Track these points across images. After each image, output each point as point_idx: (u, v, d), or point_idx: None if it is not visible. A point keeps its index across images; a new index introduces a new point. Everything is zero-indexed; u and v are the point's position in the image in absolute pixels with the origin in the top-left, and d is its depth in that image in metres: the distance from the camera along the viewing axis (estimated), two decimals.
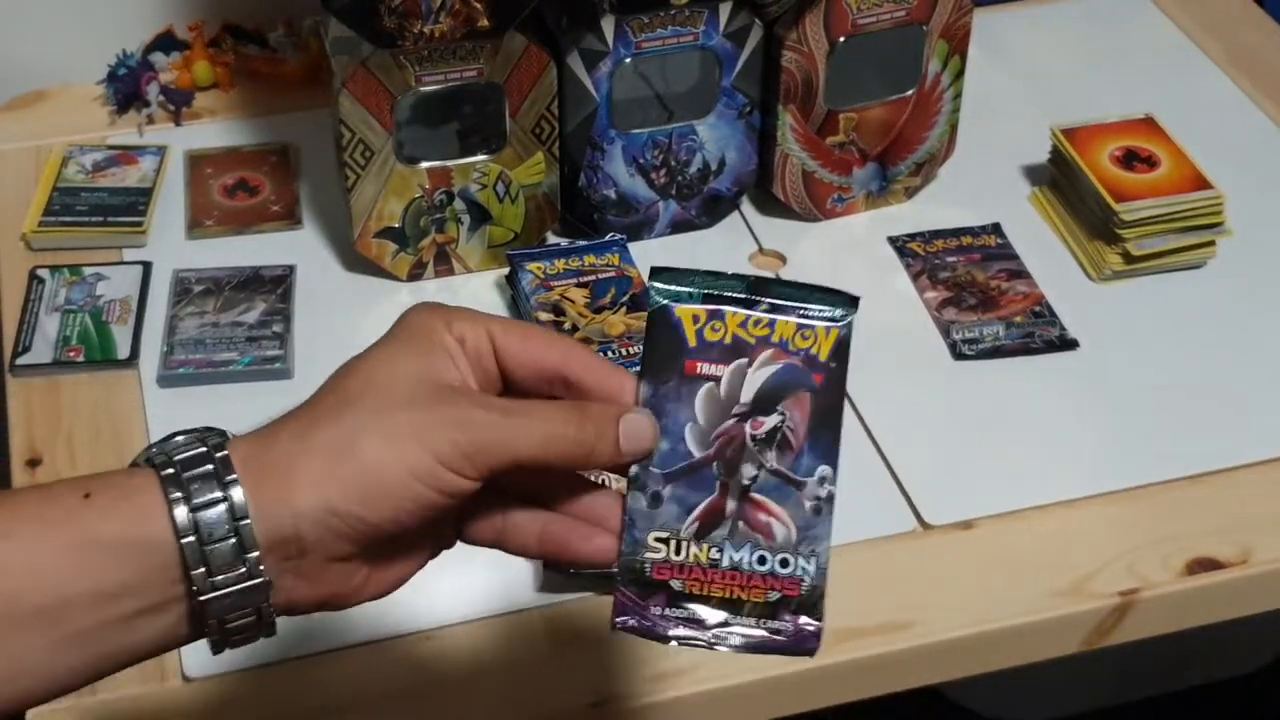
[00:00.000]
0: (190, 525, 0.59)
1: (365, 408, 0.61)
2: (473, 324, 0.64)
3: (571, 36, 1.12)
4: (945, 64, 1.21)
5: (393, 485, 0.60)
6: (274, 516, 0.60)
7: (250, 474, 0.60)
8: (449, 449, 0.60)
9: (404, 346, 0.63)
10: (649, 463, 0.64)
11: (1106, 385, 1.10)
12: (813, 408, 0.65)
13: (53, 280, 1.16)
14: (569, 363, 0.65)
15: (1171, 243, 1.17)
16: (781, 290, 0.65)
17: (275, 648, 0.91)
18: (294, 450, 0.61)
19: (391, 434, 0.60)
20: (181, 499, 0.59)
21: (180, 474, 0.60)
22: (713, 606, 0.65)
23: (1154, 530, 0.99)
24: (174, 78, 1.34)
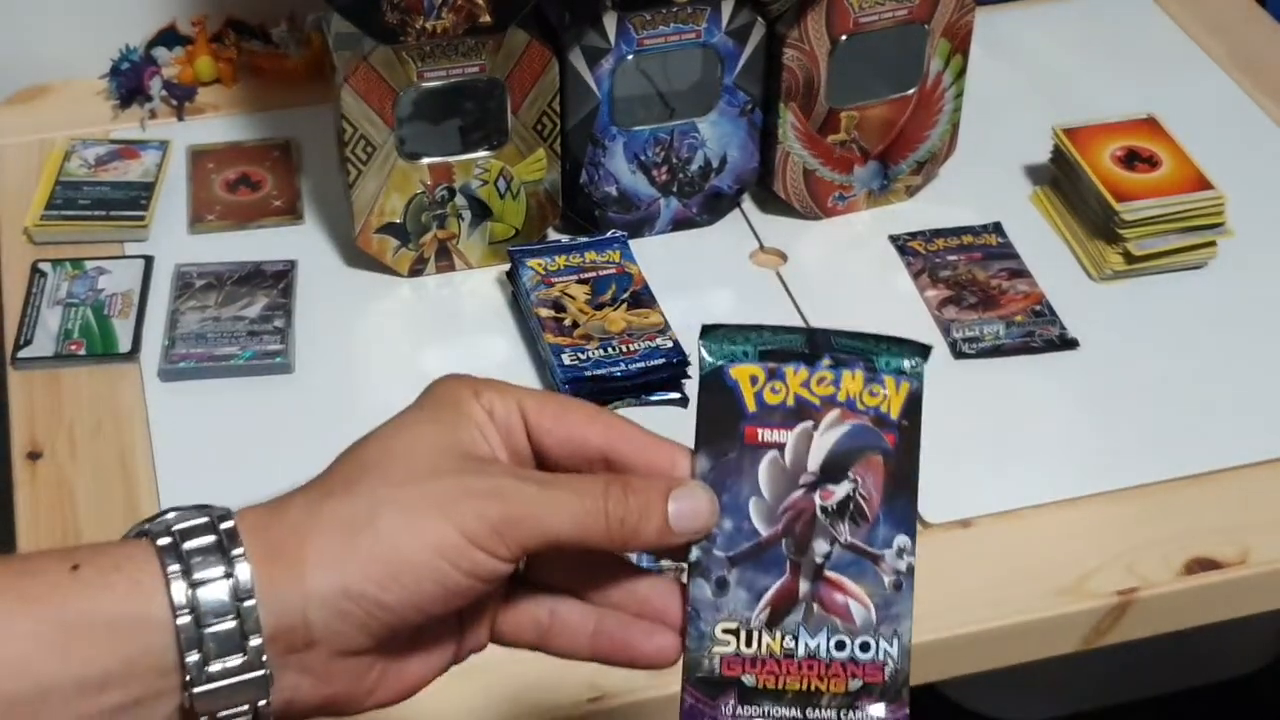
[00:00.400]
0: (188, 603, 0.52)
1: (384, 479, 0.55)
2: (503, 396, 0.58)
3: (573, 33, 1.12)
4: (947, 63, 1.21)
5: (415, 565, 0.54)
6: (281, 599, 0.53)
7: (257, 548, 0.54)
8: (476, 524, 0.54)
9: (427, 415, 0.58)
10: (711, 544, 0.58)
11: (1106, 385, 1.10)
12: (886, 472, 0.60)
13: (54, 274, 1.16)
14: (611, 440, 0.59)
15: (1172, 243, 1.17)
16: (844, 342, 0.60)
17: None
18: (305, 525, 0.54)
19: (413, 507, 0.54)
20: (180, 573, 0.52)
21: (179, 544, 0.53)
22: (788, 703, 0.59)
23: (1153, 530, 0.99)
24: (177, 73, 1.34)
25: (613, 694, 0.89)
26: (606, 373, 1.05)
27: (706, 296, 1.18)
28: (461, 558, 0.54)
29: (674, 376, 1.07)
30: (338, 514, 0.54)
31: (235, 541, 0.53)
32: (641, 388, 1.06)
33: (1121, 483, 1.02)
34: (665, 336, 1.08)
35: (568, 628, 0.60)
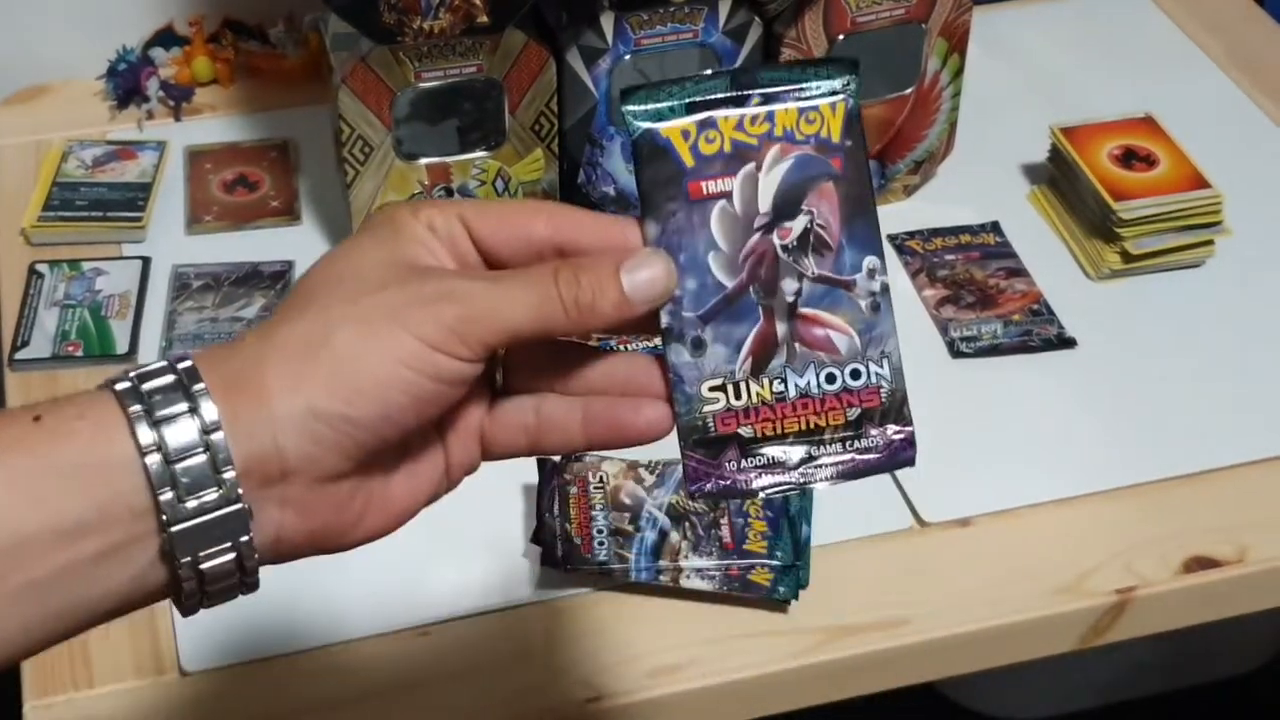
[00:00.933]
0: (155, 441, 0.51)
1: (335, 297, 0.54)
2: (441, 210, 0.57)
3: (571, 33, 1.12)
4: (944, 62, 1.21)
5: (377, 376, 0.53)
6: (249, 428, 0.52)
7: (218, 382, 0.53)
8: (434, 327, 0.53)
9: (367, 238, 0.57)
10: (678, 307, 0.57)
11: (1104, 384, 1.10)
12: (840, 196, 0.58)
13: (52, 275, 1.16)
14: (558, 226, 0.57)
15: (1170, 242, 1.17)
16: (770, 76, 0.58)
17: (272, 642, 0.92)
18: (262, 352, 0.53)
19: (368, 319, 0.53)
20: (143, 413, 0.51)
21: (139, 387, 0.52)
22: (791, 444, 0.58)
23: (1151, 528, 0.99)
24: (174, 73, 1.34)
25: (610, 694, 0.89)
26: None
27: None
28: (423, 363, 0.53)
29: None
30: (293, 336, 0.54)
31: (195, 378, 0.53)
32: None
33: (1119, 481, 1.02)
34: None
35: (556, 423, 0.59)
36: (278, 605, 0.94)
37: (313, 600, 0.94)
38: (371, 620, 0.93)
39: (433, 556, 0.97)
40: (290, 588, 0.94)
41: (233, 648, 0.91)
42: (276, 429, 0.53)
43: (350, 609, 0.94)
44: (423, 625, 0.93)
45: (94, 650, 0.91)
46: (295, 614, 0.93)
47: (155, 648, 0.91)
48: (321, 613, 0.93)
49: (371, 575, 0.96)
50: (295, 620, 0.93)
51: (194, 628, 0.92)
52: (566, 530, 0.94)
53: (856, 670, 0.93)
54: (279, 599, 0.94)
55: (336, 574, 0.95)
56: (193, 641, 0.91)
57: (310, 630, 0.92)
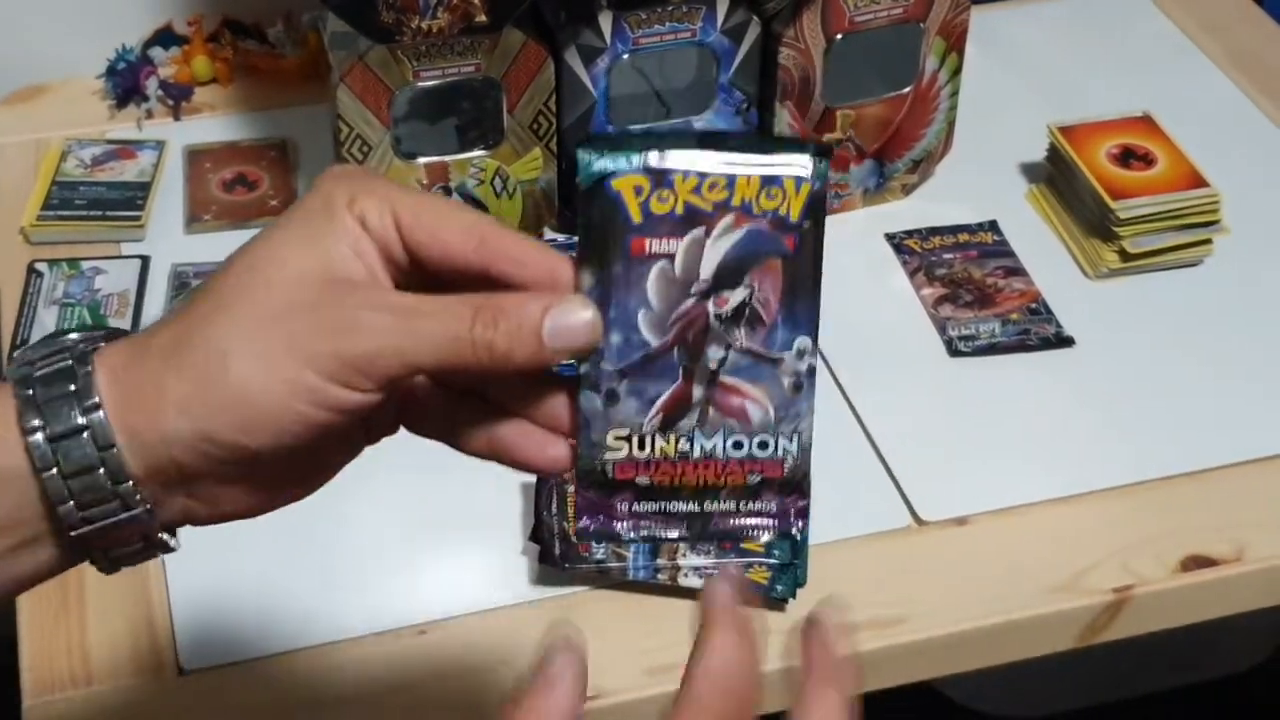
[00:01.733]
0: (50, 457, 0.52)
1: (238, 315, 0.53)
2: (378, 204, 0.54)
3: (569, 32, 1.12)
4: (943, 61, 1.21)
5: (271, 409, 0.52)
6: (144, 444, 0.53)
7: (116, 394, 0.53)
8: (331, 362, 0.52)
9: (297, 232, 0.55)
10: (599, 358, 0.56)
11: (1102, 382, 1.10)
12: (785, 275, 0.57)
13: (51, 274, 1.16)
14: (487, 257, 0.55)
15: (1168, 240, 1.17)
16: (738, 144, 0.56)
17: (271, 641, 0.92)
18: (162, 373, 0.53)
19: (263, 350, 0.52)
20: (39, 427, 0.52)
21: (37, 396, 0.52)
22: (685, 499, 0.57)
23: (1148, 527, 0.99)
24: (173, 72, 1.34)
25: (608, 693, 0.89)
26: None
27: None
28: (319, 396, 0.53)
29: None
30: (192, 360, 0.53)
31: (91, 391, 0.53)
32: None
33: (1117, 480, 1.02)
34: None
35: (468, 432, 0.58)
36: (276, 604, 0.94)
37: (311, 598, 0.94)
38: (370, 619, 0.93)
39: (430, 555, 0.97)
40: (288, 586, 0.95)
41: (232, 646, 0.91)
42: (172, 447, 0.53)
43: (348, 607, 0.94)
44: (421, 624, 0.93)
45: (93, 648, 0.91)
46: (294, 612, 0.93)
47: (154, 646, 0.91)
48: (320, 611, 0.93)
49: (369, 574, 0.96)
50: (294, 618, 0.93)
51: (193, 626, 0.92)
52: (564, 529, 0.94)
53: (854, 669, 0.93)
54: (277, 597, 0.94)
55: (335, 573, 0.96)
56: (191, 640, 0.92)
57: (308, 628, 0.92)
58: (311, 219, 0.55)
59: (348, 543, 0.98)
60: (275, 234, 0.55)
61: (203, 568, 0.95)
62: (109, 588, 0.94)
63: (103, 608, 0.93)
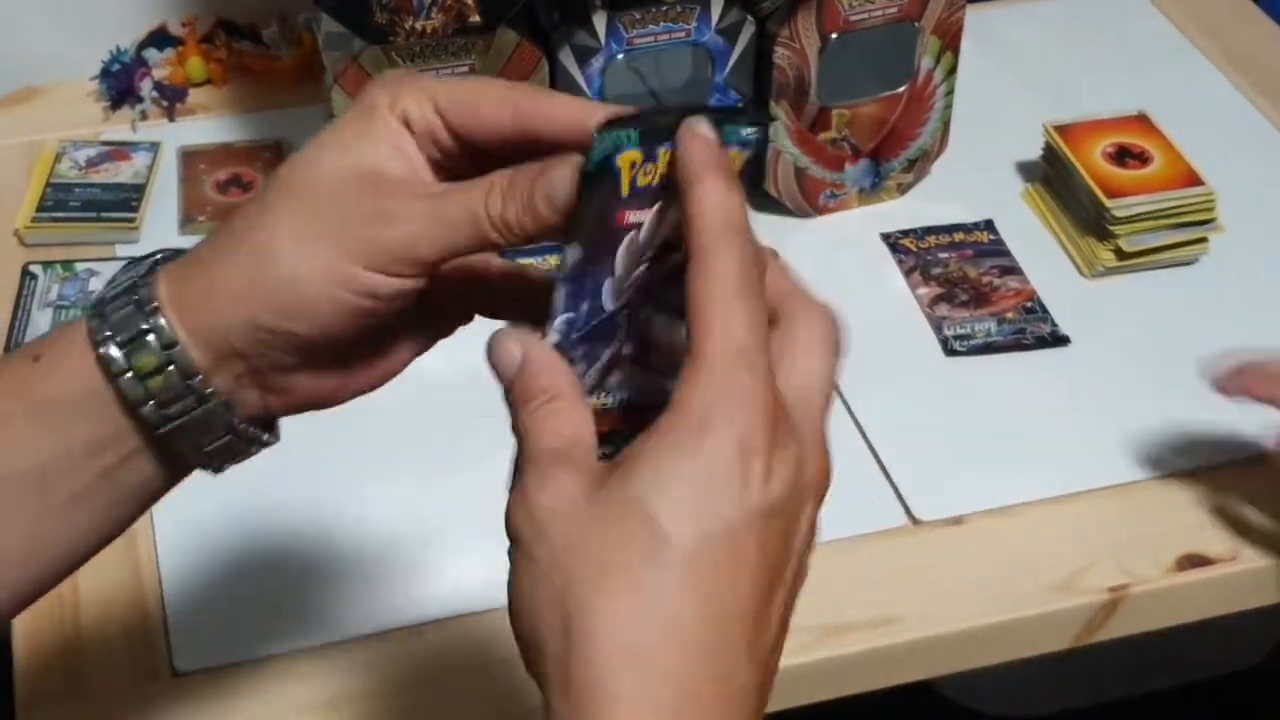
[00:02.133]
0: (122, 364, 0.57)
1: (282, 214, 0.57)
2: (418, 100, 0.58)
3: (563, 32, 1.12)
4: (938, 60, 1.21)
5: (314, 295, 0.56)
6: (206, 338, 0.57)
7: (175, 297, 0.57)
8: (368, 248, 0.55)
9: (338, 138, 0.58)
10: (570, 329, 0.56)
11: (1098, 381, 1.10)
12: None
13: (45, 276, 1.16)
14: (523, 119, 0.57)
15: (1164, 239, 1.17)
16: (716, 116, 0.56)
17: (266, 642, 0.92)
18: (215, 269, 0.57)
19: (306, 242, 0.56)
20: (109, 338, 0.57)
21: (106, 315, 0.57)
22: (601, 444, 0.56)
23: (1144, 526, 0.99)
24: (167, 74, 1.34)
25: None
26: None
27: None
28: (358, 283, 0.56)
29: None
30: (241, 258, 0.57)
31: (152, 297, 0.57)
32: None
33: (1113, 479, 1.02)
34: None
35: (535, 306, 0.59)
36: (272, 605, 0.94)
37: (307, 599, 0.94)
38: (367, 619, 0.93)
39: (429, 555, 0.97)
40: (283, 587, 0.95)
41: (226, 647, 0.91)
42: (230, 336, 0.57)
43: (345, 608, 0.94)
44: (418, 624, 0.93)
45: (87, 649, 0.91)
46: (289, 613, 0.93)
47: (148, 647, 0.91)
48: (316, 612, 0.93)
49: (366, 574, 0.96)
50: (289, 620, 0.93)
51: (187, 627, 0.92)
52: None
53: (850, 669, 0.93)
54: (272, 598, 0.94)
55: (331, 573, 0.96)
56: (186, 641, 0.91)
57: (304, 630, 0.92)
58: (353, 124, 0.58)
59: (344, 543, 0.98)
60: (319, 142, 0.58)
61: (197, 568, 0.95)
62: (103, 589, 0.94)
63: (96, 609, 0.93)
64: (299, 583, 0.95)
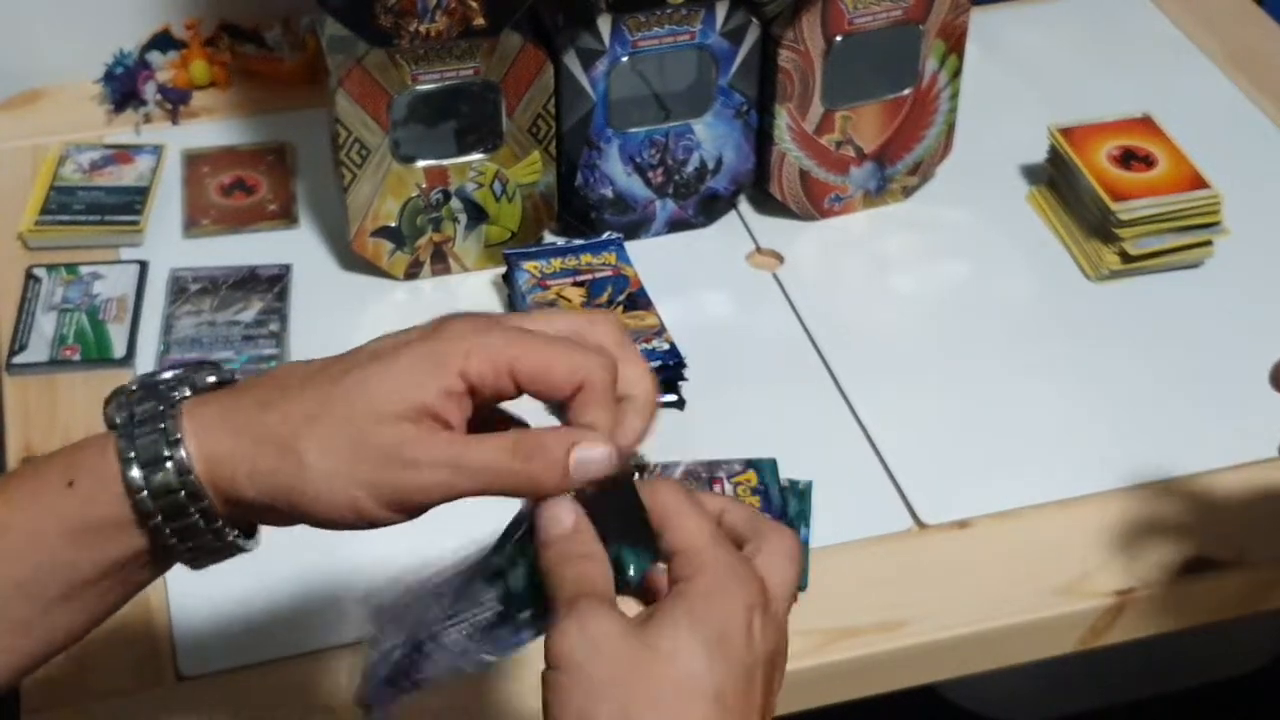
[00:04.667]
0: (141, 483, 0.63)
1: (324, 423, 0.62)
2: (494, 364, 0.63)
3: (568, 35, 1.12)
4: (942, 63, 1.20)
5: (322, 508, 0.63)
6: (219, 485, 0.64)
7: (198, 434, 0.63)
8: (386, 491, 0.63)
9: (402, 368, 0.63)
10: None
11: (1103, 384, 1.10)
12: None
13: (49, 279, 1.16)
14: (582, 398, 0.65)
15: (1169, 242, 1.17)
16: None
17: (270, 646, 0.91)
18: (245, 433, 0.63)
19: (333, 461, 0.62)
20: (134, 460, 0.63)
21: (133, 435, 0.64)
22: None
23: (1150, 530, 0.99)
24: (171, 77, 1.34)
25: None
26: None
27: (703, 298, 1.18)
28: (368, 514, 0.63)
29: (671, 378, 1.06)
30: (270, 451, 0.63)
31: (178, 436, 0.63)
32: None
33: (1118, 483, 1.02)
34: (661, 339, 1.08)
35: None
36: (275, 609, 0.93)
37: (310, 604, 0.94)
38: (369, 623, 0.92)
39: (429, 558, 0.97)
40: (288, 592, 0.95)
41: (230, 652, 0.91)
42: (242, 495, 0.64)
43: (348, 612, 0.93)
44: None
45: (91, 654, 0.91)
46: (293, 618, 0.93)
47: (153, 652, 0.91)
48: (319, 616, 0.93)
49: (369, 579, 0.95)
50: (293, 624, 0.93)
51: (192, 632, 0.92)
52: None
53: (856, 672, 0.93)
54: (276, 603, 0.94)
55: (334, 578, 0.96)
56: (190, 646, 0.91)
57: (308, 634, 0.92)
58: (418, 362, 0.63)
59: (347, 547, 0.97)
60: (379, 360, 0.64)
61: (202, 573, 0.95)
62: None
63: None
64: (304, 587, 0.95)
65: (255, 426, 0.63)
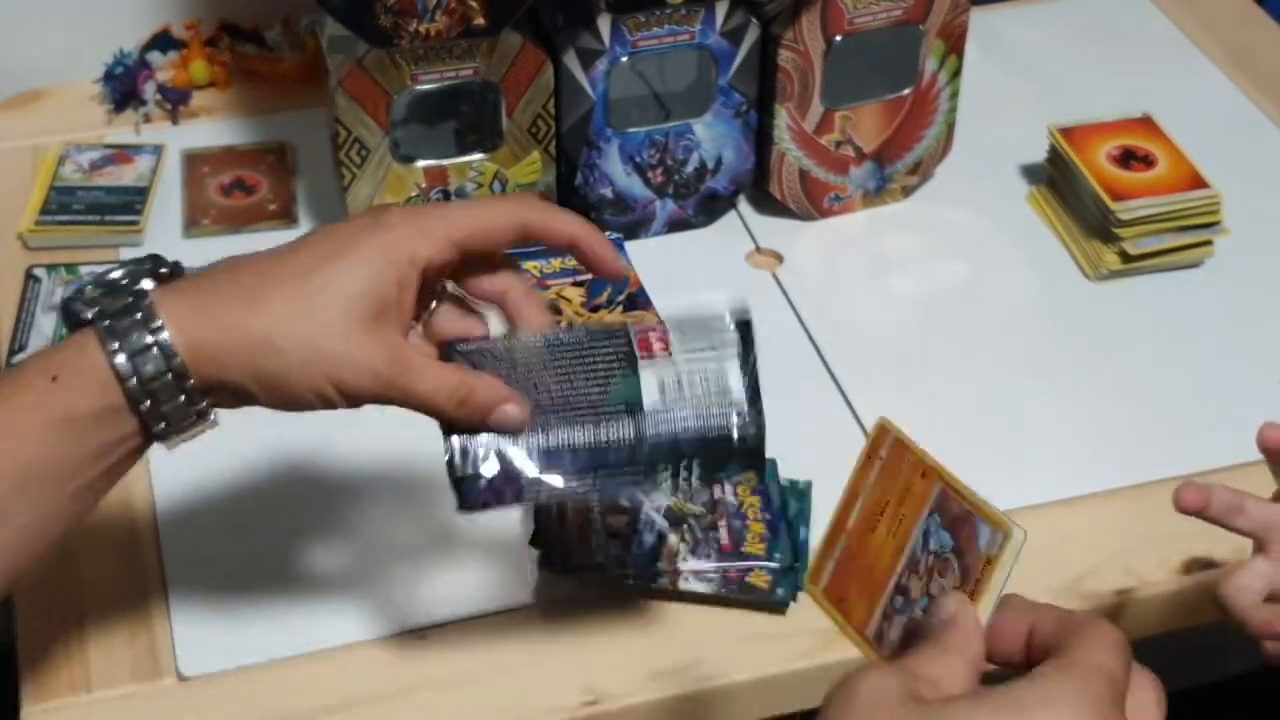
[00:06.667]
0: (129, 369, 0.69)
1: (290, 311, 0.71)
2: (440, 246, 0.73)
3: (567, 35, 1.12)
4: (942, 63, 1.20)
5: (297, 393, 0.72)
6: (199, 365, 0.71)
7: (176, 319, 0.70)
8: (351, 383, 0.72)
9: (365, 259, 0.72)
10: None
11: (1103, 384, 1.10)
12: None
13: (49, 279, 1.16)
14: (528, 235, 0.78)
15: (1169, 242, 1.17)
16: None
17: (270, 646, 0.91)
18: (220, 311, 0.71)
19: (310, 359, 0.71)
20: (119, 350, 0.69)
21: (114, 327, 0.69)
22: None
23: (1150, 529, 0.99)
24: (171, 76, 1.34)
25: (609, 697, 0.89)
26: None
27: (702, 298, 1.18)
28: (331, 398, 0.72)
29: None
30: (243, 330, 0.71)
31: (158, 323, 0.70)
32: None
33: (1118, 482, 1.02)
34: None
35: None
36: (276, 609, 0.93)
37: (311, 604, 0.94)
38: (370, 624, 0.93)
39: (431, 560, 0.97)
40: (288, 592, 0.95)
41: (231, 652, 0.91)
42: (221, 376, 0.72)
43: (349, 613, 0.93)
44: (420, 628, 0.93)
45: (92, 655, 0.91)
46: (293, 618, 0.93)
47: (153, 652, 0.91)
48: (319, 616, 0.93)
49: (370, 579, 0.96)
50: (293, 624, 0.93)
51: (192, 632, 0.92)
52: (564, 533, 0.93)
53: None
54: (277, 603, 0.94)
55: (335, 578, 0.96)
56: (191, 646, 0.91)
57: (308, 634, 0.92)
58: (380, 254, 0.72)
59: (348, 548, 0.98)
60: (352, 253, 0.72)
61: (202, 573, 0.95)
62: (108, 593, 0.93)
63: (102, 613, 0.93)
64: (304, 587, 0.95)
65: (236, 323, 0.70)
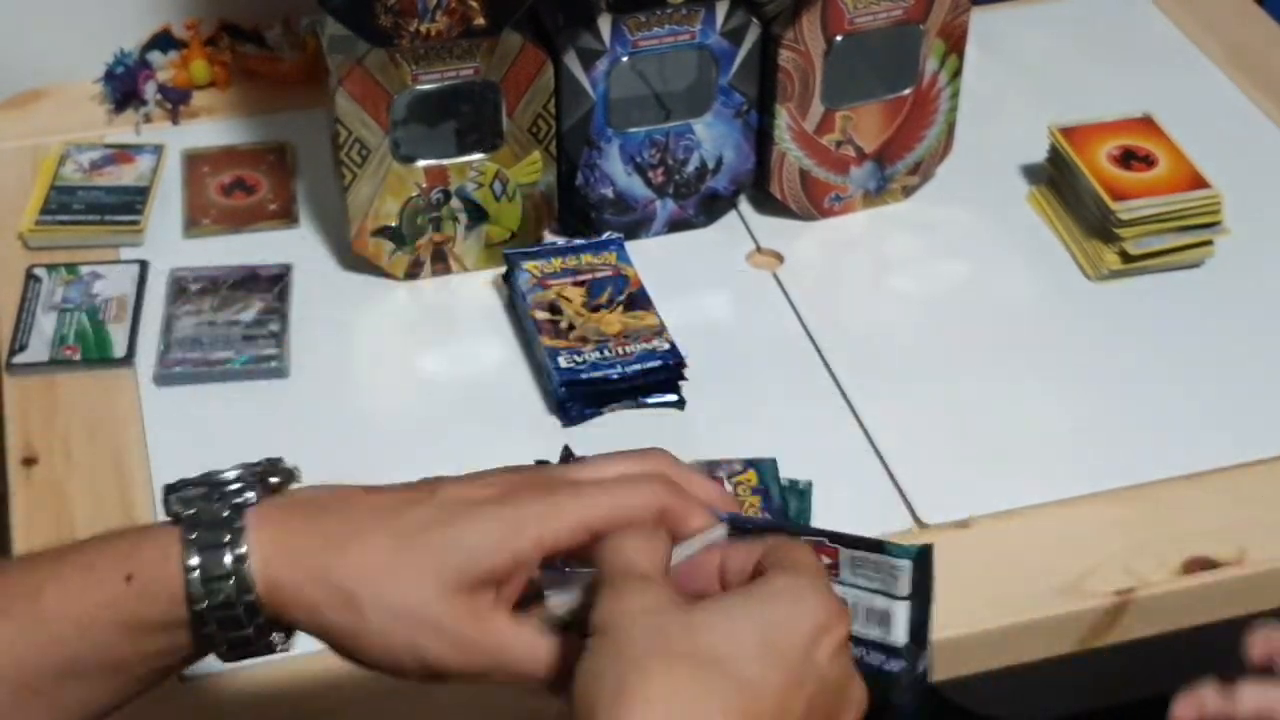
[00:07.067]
0: (201, 591, 0.64)
1: (387, 588, 0.64)
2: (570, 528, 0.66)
3: (568, 35, 1.12)
4: (943, 63, 1.20)
5: (374, 658, 0.65)
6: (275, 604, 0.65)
7: (263, 551, 0.65)
8: (433, 666, 0.65)
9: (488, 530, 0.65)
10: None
11: (1103, 384, 1.10)
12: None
13: (49, 279, 1.16)
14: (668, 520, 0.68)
15: (1169, 242, 1.17)
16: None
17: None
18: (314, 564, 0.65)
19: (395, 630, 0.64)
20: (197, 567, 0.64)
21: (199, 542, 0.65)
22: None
23: (1150, 529, 0.99)
24: (171, 76, 1.34)
25: None
26: (603, 375, 1.05)
27: (703, 298, 1.18)
28: (413, 675, 0.66)
29: (670, 378, 1.06)
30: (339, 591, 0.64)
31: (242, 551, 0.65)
32: (638, 390, 1.06)
33: (1119, 482, 1.02)
34: (661, 338, 1.08)
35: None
36: None
37: None
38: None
39: None
40: None
41: None
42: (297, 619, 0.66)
43: None
44: None
45: None
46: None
47: None
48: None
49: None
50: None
51: None
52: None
53: None
54: None
55: None
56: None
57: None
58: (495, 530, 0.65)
59: None
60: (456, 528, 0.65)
61: None
62: None
63: None
64: None
65: (320, 568, 0.64)
